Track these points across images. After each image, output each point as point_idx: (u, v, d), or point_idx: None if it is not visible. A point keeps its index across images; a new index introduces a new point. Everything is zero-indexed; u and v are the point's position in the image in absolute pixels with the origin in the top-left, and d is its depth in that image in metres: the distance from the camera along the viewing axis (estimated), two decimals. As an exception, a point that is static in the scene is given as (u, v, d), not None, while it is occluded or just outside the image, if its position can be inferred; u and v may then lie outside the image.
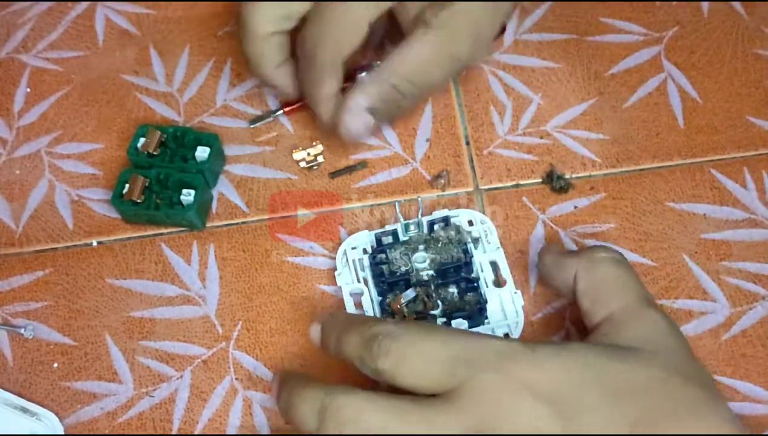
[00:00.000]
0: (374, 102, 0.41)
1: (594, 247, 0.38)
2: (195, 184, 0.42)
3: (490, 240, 0.41)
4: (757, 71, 0.49)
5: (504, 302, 0.40)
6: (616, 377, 0.31)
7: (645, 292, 0.36)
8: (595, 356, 0.32)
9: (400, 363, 0.32)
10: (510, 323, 0.39)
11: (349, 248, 0.42)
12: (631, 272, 0.37)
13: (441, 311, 0.39)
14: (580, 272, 0.37)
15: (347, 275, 0.41)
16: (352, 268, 0.41)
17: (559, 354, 0.32)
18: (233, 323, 0.41)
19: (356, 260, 0.41)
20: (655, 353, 0.33)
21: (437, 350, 0.32)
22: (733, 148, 0.46)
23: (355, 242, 0.42)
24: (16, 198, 0.45)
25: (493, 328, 0.39)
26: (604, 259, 0.37)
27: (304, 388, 0.33)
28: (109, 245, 0.44)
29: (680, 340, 0.34)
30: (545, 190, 0.45)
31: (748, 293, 0.41)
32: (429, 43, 0.40)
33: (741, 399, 0.39)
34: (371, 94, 0.41)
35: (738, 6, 0.51)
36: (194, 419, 0.39)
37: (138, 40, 0.51)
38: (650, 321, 0.34)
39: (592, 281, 0.36)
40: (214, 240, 0.44)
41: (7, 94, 0.49)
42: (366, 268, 0.41)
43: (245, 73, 0.49)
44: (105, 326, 0.41)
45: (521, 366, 0.31)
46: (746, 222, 0.43)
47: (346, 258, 0.41)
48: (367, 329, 0.33)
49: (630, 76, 0.48)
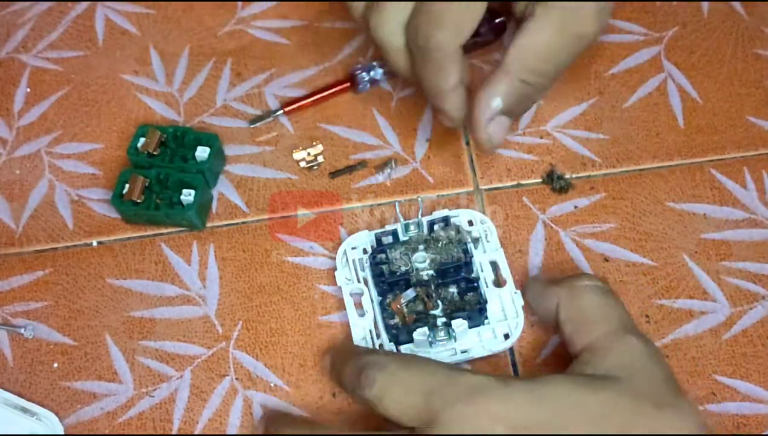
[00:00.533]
0: (508, 102, 0.38)
1: (576, 275, 0.38)
2: (195, 184, 0.42)
3: (490, 240, 0.41)
4: (757, 71, 0.49)
5: (504, 302, 0.40)
6: (589, 408, 0.32)
7: (627, 318, 0.36)
8: (569, 386, 0.32)
9: (384, 393, 0.33)
10: (510, 323, 0.39)
11: (349, 247, 0.42)
12: (612, 299, 0.37)
13: (441, 310, 0.39)
14: (562, 301, 0.37)
15: (347, 275, 0.41)
16: (352, 268, 0.41)
17: (532, 389, 0.32)
18: (233, 323, 0.41)
19: (356, 259, 0.41)
20: (630, 380, 0.33)
21: (415, 381, 0.33)
22: (733, 148, 0.46)
23: (355, 242, 0.42)
24: (16, 198, 0.45)
25: (493, 328, 0.39)
26: (586, 287, 0.37)
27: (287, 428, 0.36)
28: (109, 245, 0.44)
29: (659, 365, 0.34)
30: (545, 190, 0.45)
31: (748, 293, 0.41)
32: (552, 26, 0.37)
33: (741, 399, 0.39)
34: (504, 94, 0.38)
35: (738, 6, 0.51)
36: (194, 419, 0.39)
37: (138, 40, 0.51)
38: (629, 347, 0.35)
39: (573, 310, 0.37)
40: (214, 240, 0.44)
41: (7, 94, 0.49)
42: (366, 268, 0.41)
43: (245, 73, 0.49)
44: (105, 326, 0.41)
45: (492, 400, 0.32)
46: (746, 222, 0.43)
47: (346, 258, 0.41)
48: (359, 359, 0.35)
49: (630, 76, 0.48)
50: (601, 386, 0.32)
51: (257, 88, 0.49)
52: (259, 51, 0.50)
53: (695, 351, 0.40)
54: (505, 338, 0.39)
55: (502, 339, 0.39)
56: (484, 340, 0.39)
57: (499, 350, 0.39)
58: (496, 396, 0.32)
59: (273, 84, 0.49)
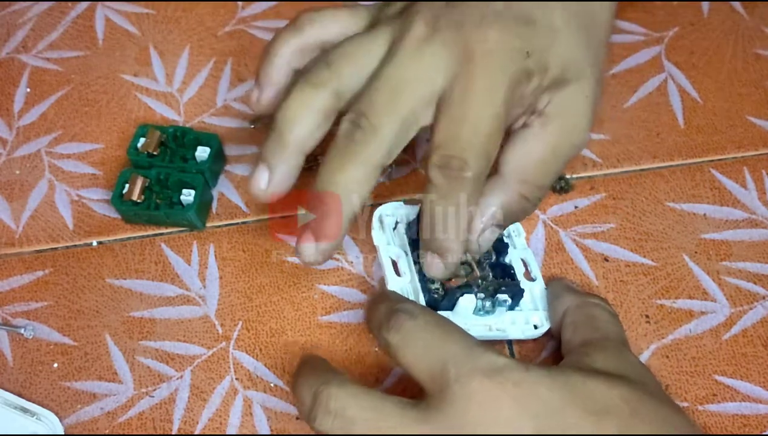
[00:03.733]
0: (506, 214, 0.37)
1: (593, 294, 0.39)
2: (195, 184, 0.42)
3: (519, 239, 0.42)
4: (757, 71, 0.49)
5: (535, 295, 0.40)
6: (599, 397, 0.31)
7: (624, 338, 0.37)
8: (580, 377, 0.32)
9: (405, 343, 0.32)
10: (541, 315, 0.39)
11: (384, 213, 0.40)
12: (619, 324, 0.37)
13: (486, 284, 0.38)
14: (572, 308, 0.37)
15: (382, 238, 0.40)
16: (388, 232, 0.40)
17: (550, 374, 0.32)
18: (233, 323, 0.41)
19: (390, 226, 0.40)
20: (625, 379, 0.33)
21: (439, 341, 0.32)
22: (733, 148, 0.46)
23: (389, 211, 0.41)
24: (16, 198, 0.45)
25: (526, 316, 0.39)
26: (597, 304, 0.37)
27: (308, 370, 0.34)
28: (109, 245, 0.44)
29: (653, 378, 0.34)
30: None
31: (748, 293, 0.41)
32: (550, 136, 0.36)
33: (741, 399, 0.39)
34: (502, 205, 0.37)
35: (738, 6, 0.51)
36: (194, 419, 0.39)
37: (138, 40, 0.51)
38: (625, 357, 0.35)
39: (579, 316, 0.37)
40: (214, 240, 0.44)
41: (7, 94, 0.49)
42: (404, 235, 0.40)
43: (245, 73, 0.49)
44: (105, 326, 0.41)
45: (509, 381, 0.31)
46: (746, 222, 0.43)
47: (381, 223, 0.40)
48: (395, 302, 0.34)
49: (630, 76, 0.48)
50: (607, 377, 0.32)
51: (257, 88, 0.49)
52: (259, 51, 0.50)
53: (695, 351, 0.40)
54: (534, 328, 0.39)
55: (532, 328, 0.39)
56: (517, 324, 0.39)
57: (530, 336, 0.39)
58: (514, 379, 0.31)
59: (273, 84, 0.49)
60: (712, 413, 0.38)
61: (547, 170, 0.37)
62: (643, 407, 0.31)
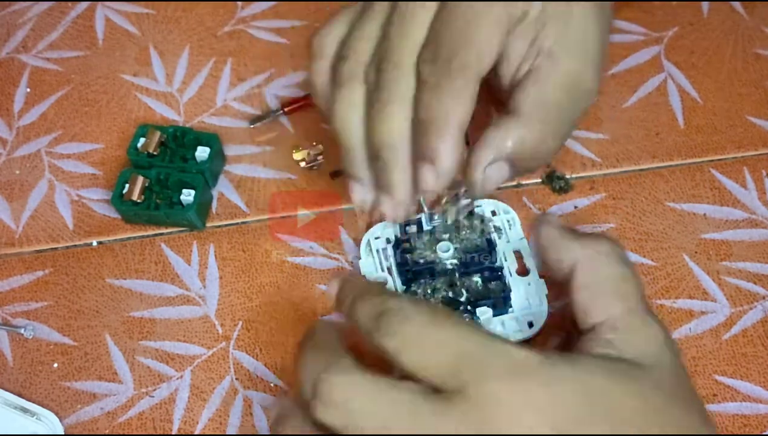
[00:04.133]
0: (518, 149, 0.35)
1: (597, 236, 0.35)
2: (195, 184, 0.42)
3: (513, 230, 0.42)
4: (757, 71, 0.49)
5: (528, 291, 0.40)
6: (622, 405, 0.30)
7: (643, 293, 0.34)
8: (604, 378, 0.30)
9: (406, 347, 0.29)
10: (534, 312, 0.39)
11: (372, 237, 0.42)
12: (631, 271, 0.35)
13: (465, 299, 0.39)
14: (582, 265, 0.34)
15: (371, 265, 0.41)
16: (376, 257, 0.41)
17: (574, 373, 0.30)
18: (233, 323, 0.41)
19: (380, 249, 0.41)
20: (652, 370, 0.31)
21: (448, 341, 0.29)
22: (733, 148, 0.46)
23: (378, 232, 0.42)
24: (16, 198, 0.45)
25: (517, 317, 0.39)
26: (609, 254, 0.34)
27: (310, 351, 0.32)
28: (109, 245, 0.44)
29: (674, 352, 0.33)
30: (545, 190, 0.45)
31: (748, 293, 0.41)
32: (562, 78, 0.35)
33: (741, 399, 0.39)
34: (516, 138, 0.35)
35: (738, 6, 0.51)
36: (194, 419, 0.39)
37: (138, 40, 0.51)
38: (651, 333, 0.32)
39: (593, 277, 0.34)
40: (214, 240, 0.44)
41: (7, 94, 0.49)
42: (390, 257, 0.41)
43: (245, 72, 0.49)
44: (105, 326, 0.41)
45: (533, 384, 0.29)
46: (746, 222, 0.43)
47: (370, 247, 0.41)
48: (380, 302, 0.31)
49: (630, 76, 0.48)
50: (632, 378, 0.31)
51: (257, 88, 0.49)
52: (259, 51, 0.50)
53: (695, 351, 0.40)
54: (529, 326, 0.39)
55: (526, 327, 0.39)
56: (508, 328, 0.39)
57: (523, 338, 0.39)
58: (539, 381, 0.29)
59: (273, 84, 0.49)
60: (713, 413, 0.38)
61: (563, 116, 0.36)
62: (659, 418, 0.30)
